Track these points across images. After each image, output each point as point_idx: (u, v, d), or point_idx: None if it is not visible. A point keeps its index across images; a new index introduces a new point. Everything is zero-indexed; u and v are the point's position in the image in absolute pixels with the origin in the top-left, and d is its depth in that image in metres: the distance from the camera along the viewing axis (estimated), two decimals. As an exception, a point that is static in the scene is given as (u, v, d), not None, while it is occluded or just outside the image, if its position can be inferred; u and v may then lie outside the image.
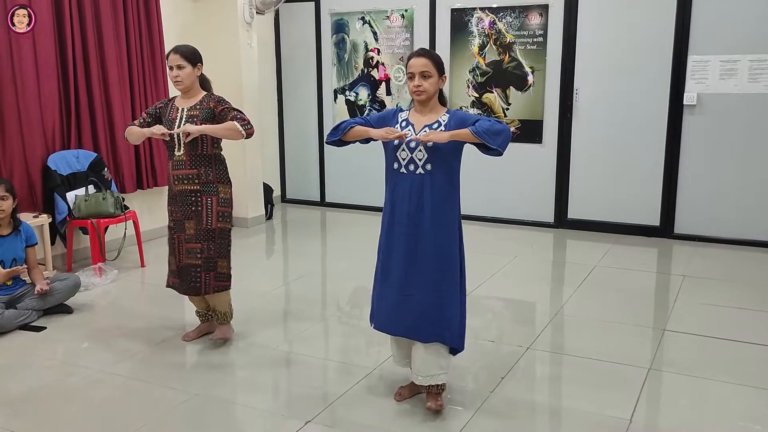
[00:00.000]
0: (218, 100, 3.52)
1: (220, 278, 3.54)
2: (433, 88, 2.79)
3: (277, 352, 3.58)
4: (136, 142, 3.65)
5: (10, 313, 3.80)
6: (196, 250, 3.48)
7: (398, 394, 3.04)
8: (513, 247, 5.54)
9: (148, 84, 5.50)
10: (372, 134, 2.84)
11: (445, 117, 2.82)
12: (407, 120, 2.87)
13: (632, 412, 2.91)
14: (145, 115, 3.61)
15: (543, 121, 6.06)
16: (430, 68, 2.76)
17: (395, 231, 2.86)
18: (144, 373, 3.34)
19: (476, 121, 2.72)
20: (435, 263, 2.80)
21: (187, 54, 3.46)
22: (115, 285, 4.68)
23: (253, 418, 2.95)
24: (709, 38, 5.43)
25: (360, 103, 6.89)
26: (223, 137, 3.47)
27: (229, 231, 3.59)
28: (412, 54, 2.83)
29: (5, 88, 4.52)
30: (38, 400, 3.08)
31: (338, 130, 2.93)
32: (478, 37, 6.22)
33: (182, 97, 3.55)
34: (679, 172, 5.68)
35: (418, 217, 2.80)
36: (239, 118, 3.44)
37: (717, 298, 4.33)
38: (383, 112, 3.00)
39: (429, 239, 2.79)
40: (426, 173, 2.78)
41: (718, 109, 5.49)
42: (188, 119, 3.45)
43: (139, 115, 5.39)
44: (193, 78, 3.49)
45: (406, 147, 2.79)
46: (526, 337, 3.75)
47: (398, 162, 2.84)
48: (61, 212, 4.80)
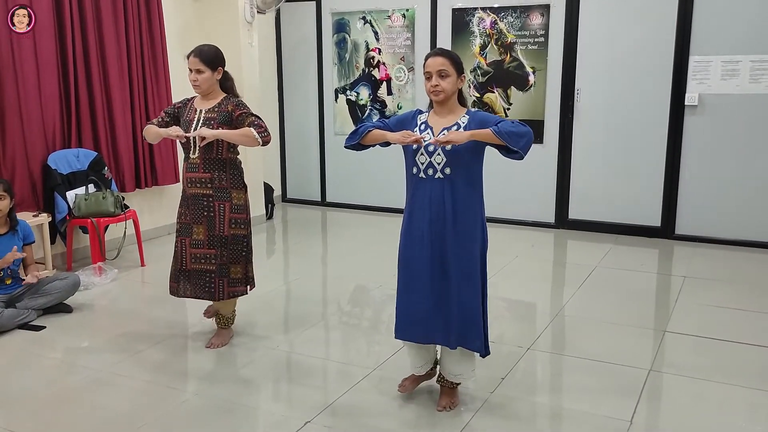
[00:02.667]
0: (237, 104, 3.44)
1: (233, 284, 3.51)
2: (451, 88, 2.73)
3: (278, 352, 3.57)
4: (154, 142, 3.59)
5: (9, 312, 3.80)
6: (210, 256, 3.43)
7: (402, 386, 3.03)
8: (513, 248, 5.53)
9: (148, 83, 5.49)
10: (389, 138, 2.78)
11: (465, 118, 2.76)
12: (426, 122, 2.81)
13: (632, 413, 2.91)
14: (164, 114, 3.56)
15: (544, 121, 6.06)
16: (448, 67, 2.70)
17: (415, 237, 2.79)
18: (144, 373, 3.34)
19: (498, 122, 2.66)
20: (459, 271, 2.75)
21: (207, 59, 3.38)
22: (115, 284, 4.68)
23: (253, 418, 2.95)
24: (710, 38, 5.42)
25: (361, 103, 6.88)
26: (238, 143, 3.41)
27: (244, 237, 3.51)
28: (429, 54, 2.77)
29: (6, 87, 4.52)
30: (37, 399, 3.08)
31: (357, 134, 2.87)
32: (480, 37, 6.21)
33: (201, 98, 3.50)
34: (681, 173, 5.67)
35: (439, 223, 2.74)
36: (256, 124, 3.36)
37: (718, 299, 4.32)
38: (403, 114, 2.95)
39: (451, 246, 2.74)
40: (445, 177, 2.72)
41: (720, 109, 5.48)
42: (205, 122, 3.40)
43: (139, 114, 5.40)
44: (211, 82, 3.43)
45: (425, 151, 2.73)
46: (526, 337, 3.74)
47: (417, 167, 2.77)
48: (61, 211, 4.80)
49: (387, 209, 6.73)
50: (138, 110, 5.40)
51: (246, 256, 3.55)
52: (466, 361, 2.90)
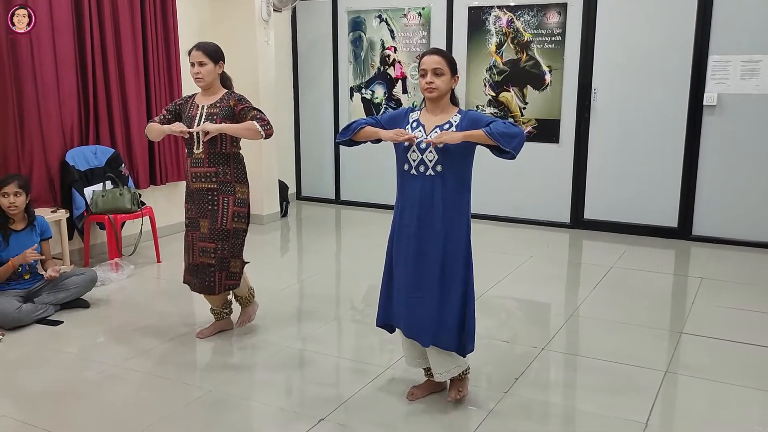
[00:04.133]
0: (239, 98, 3.50)
1: (231, 277, 3.55)
2: (445, 86, 2.75)
3: (291, 350, 3.59)
4: (156, 139, 3.64)
5: (27, 308, 3.84)
6: (210, 249, 3.48)
7: (411, 393, 3.04)
8: (528, 247, 5.51)
9: (163, 82, 5.54)
10: (382, 135, 2.81)
11: (457, 117, 2.78)
12: (418, 120, 2.83)
13: (648, 415, 2.88)
14: (165, 112, 3.61)
15: (560, 120, 6.02)
16: (443, 66, 2.73)
17: (404, 233, 2.83)
18: (158, 368, 3.36)
19: (490, 122, 2.67)
20: (442, 266, 2.77)
21: (209, 51, 3.46)
22: (131, 280, 4.72)
23: (266, 415, 2.96)
24: (730, 38, 5.35)
25: (376, 101, 6.88)
26: (242, 137, 3.46)
27: (244, 231, 3.58)
28: (424, 52, 2.81)
29: (25, 84, 4.57)
30: (53, 393, 3.11)
31: (349, 130, 2.90)
32: (496, 36, 6.18)
33: (202, 94, 3.55)
34: (698, 173, 5.61)
35: (427, 219, 2.77)
36: (259, 118, 3.42)
37: (735, 301, 4.27)
38: (395, 111, 2.97)
39: (437, 242, 2.76)
40: (436, 175, 2.75)
41: (739, 109, 5.41)
42: (208, 117, 3.45)
43: (154, 112, 5.44)
44: (214, 75, 3.48)
45: (417, 148, 2.76)
46: (540, 338, 3.72)
47: (408, 163, 2.80)
48: (79, 207, 4.85)
49: (401, 208, 6.72)
50: (153, 108, 5.45)
51: (242, 250, 3.60)
52: (447, 360, 2.87)
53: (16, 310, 3.77)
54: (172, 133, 3.45)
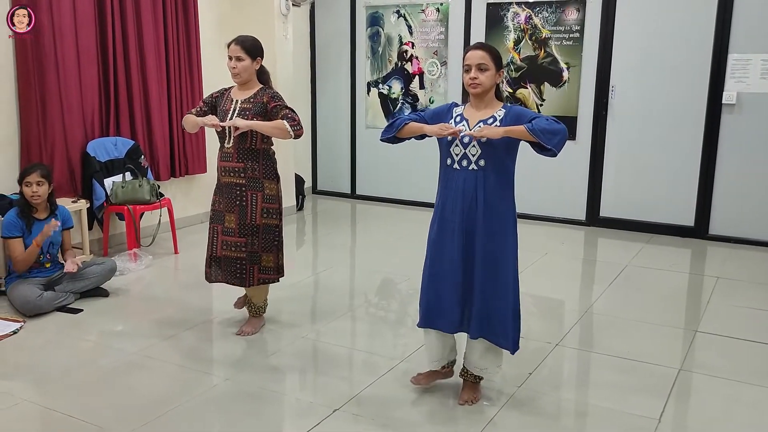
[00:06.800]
0: (272, 95, 3.48)
1: (264, 271, 3.55)
2: (489, 82, 2.73)
3: (306, 341, 3.62)
4: (192, 131, 3.65)
5: (48, 295, 3.91)
6: (240, 244, 3.48)
7: (415, 378, 3.05)
8: (543, 244, 5.51)
9: (184, 74, 5.59)
10: (426, 131, 2.80)
11: (501, 112, 2.76)
12: (462, 115, 2.82)
13: (661, 412, 2.89)
14: (202, 103, 3.63)
15: (577, 117, 6.00)
16: (488, 61, 2.72)
17: (447, 227, 2.82)
18: (176, 356, 3.41)
19: (533, 118, 2.66)
20: (487, 262, 2.76)
21: (247, 46, 3.43)
22: (150, 270, 4.78)
23: (281, 405, 3.00)
24: (750, 36, 5.31)
25: (393, 97, 6.89)
26: (270, 135, 3.45)
27: (276, 227, 3.55)
28: (469, 47, 2.80)
29: (48, 75, 4.63)
30: (73, 379, 3.17)
31: (393, 127, 2.89)
32: (514, 32, 6.17)
33: (238, 88, 3.54)
34: (716, 173, 5.58)
35: (470, 213, 2.75)
36: (290, 117, 3.39)
37: (751, 300, 4.25)
38: (438, 107, 2.96)
39: (481, 237, 2.75)
40: (479, 169, 2.73)
41: (759, 109, 5.37)
42: (240, 112, 3.44)
43: (174, 104, 5.50)
44: (251, 71, 3.47)
45: (460, 142, 2.75)
46: (554, 333, 3.73)
47: (451, 158, 2.79)
48: (99, 198, 4.91)
49: (416, 203, 6.75)
50: (174, 101, 5.50)
51: (277, 245, 3.60)
52: (492, 356, 2.91)
53: (37, 298, 3.84)
54: (204, 125, 3.46)
